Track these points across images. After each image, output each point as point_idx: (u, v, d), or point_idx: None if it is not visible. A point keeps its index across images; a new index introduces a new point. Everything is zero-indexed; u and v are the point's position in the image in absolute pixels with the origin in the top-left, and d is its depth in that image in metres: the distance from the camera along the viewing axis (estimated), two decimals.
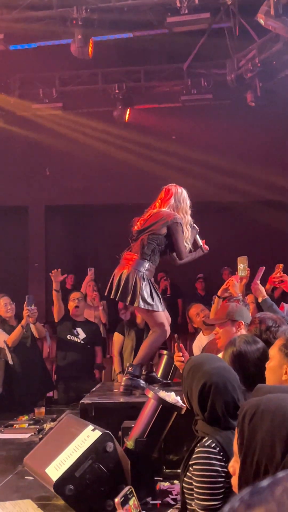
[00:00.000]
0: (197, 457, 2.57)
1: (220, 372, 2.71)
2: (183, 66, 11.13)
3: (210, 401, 2.65)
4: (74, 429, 3.50)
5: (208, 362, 2.80)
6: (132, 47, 10.73)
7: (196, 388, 2.69)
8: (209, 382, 2.67)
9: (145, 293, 4.87)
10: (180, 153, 11.98)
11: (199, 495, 2.51)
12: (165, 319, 5.07)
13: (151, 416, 3.60)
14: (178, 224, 5.02)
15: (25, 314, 6.63)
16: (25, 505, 3.42)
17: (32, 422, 5.65)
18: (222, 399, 2.62)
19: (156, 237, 5.00)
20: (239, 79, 10.43)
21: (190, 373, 2.78)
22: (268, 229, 12.65)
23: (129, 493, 1.67)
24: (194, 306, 6.73)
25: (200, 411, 2.68)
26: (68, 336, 7.07)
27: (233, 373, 2.76)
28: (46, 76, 11.56)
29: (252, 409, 1.59)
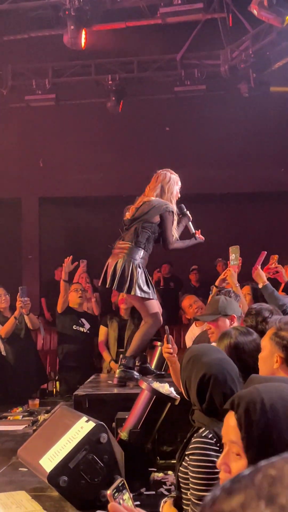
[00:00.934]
0: (193, 447, 2.57)
1: (220, 364, 2.71)
2: (176, 57, 11.08)
3: (209, 393, 2.64)
4: (68, 421, 3.50)
5: (208, 353, 2.80)
6: (125, 38, 10.68)
7: (196, 379, 2.69)
8: (208, 374, 2.66)
9: (141, 281, 4.89)
10: (174, 144, 11.96)
11: (195, 485, 2.51)
12: (158, 309, 5.08)
13: (145, 407, 3.61)
14: (170, 213, 5.05)
15: (18, 305, 6.64)
16: (19, 496, 3.42)
17: (26, 414, 5.67)
18: (221, 391, 2.62)
19: (149, 225, 5.02)
20: (233, 70, 10.40)
21: (189, 363, 2.78)
22: (263, 220, 12.66)
23: (121, 485, 1.66)
24: (187, 298, 6.74)
25: (198, 402, 2.68)
26: (74, 327, 7.06)
27: (232, 365, 2.75)
28: (39, 67, 11.49)
29: (256, 403, 1.55)
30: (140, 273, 4.91)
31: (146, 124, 12.33)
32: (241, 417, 1.53)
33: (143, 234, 5.02)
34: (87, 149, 12.68)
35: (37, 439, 3.73)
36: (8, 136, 12.56)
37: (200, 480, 2.49)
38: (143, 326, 5.10)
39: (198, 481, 2.49)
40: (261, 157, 12.36)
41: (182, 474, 2.67)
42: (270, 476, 0.71)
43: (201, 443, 2.54)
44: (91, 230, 13.26)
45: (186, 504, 2.62)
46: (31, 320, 6.90)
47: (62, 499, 3.26)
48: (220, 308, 4.16)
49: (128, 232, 5.08)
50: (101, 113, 11.96)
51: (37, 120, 12.30)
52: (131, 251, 4.96)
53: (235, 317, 4.17)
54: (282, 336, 2.83)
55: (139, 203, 5.14)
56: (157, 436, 4.00)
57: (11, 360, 6.72)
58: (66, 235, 13.78)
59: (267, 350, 2.88)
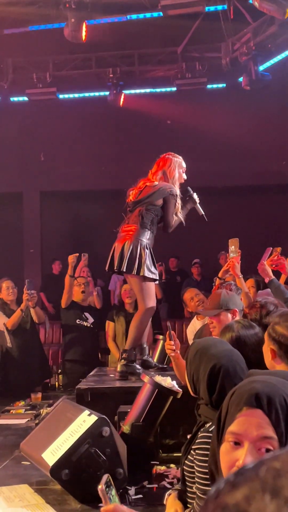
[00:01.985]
0: (200, 442, 2.56)
1: (229, 355, 2.70)
2: (177, 49, 11.06)
3: (219, 384, 2.62)
4: (70, 414, 3.50)
5: (216, 345, 2.79)
6: (126, 31, 10.65)
7: (205, 371, 2.67)
8: (218, 365, 2.64)
9: (148, 262, 4.92)
10: (175, 137, 11.94)
11: (201, 479, 2.51)
12: (154, 295, 5.08)
13: (147, 400, 3.61)
14: (173, 197, 5.07)
15: (24, 298, 6.67)
16: (22, 490, 3.43)
17: (28, 408, 5.67)
18: (232, 382, 2.61)
19: (153, 207, 5.04)
20: (234, 62, 10.38)
21: (196, 356, 2.76)
22: (264, 213, 12.64)
23: (109, 481, 1.67)
24: (188, 291, 6.73)
25: (208, 394, 2.66)
26: (78, 321, 7.06)
27: (240, 356, 2.74)
28: (40, 61, 11.47)
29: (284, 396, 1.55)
30: (148, 254, 4.94)
31: (147, 117, 12.31)
32: (277, 414, 1.51)
33: (148, 216, 5.03)
34: (88, 142, 12.67)
35: (40, 433, 3.73)
36: (9, 130, 12.55)
37: (206, 475, 2.48)
38: (137, 315, 5.08)
39: (204, 475, 2.49)
40: (262, 150, 12.34)
41: (187, 468, 2.67)
42: (275, 469, 0.71)
43: (208, 438, 2.53)
44: (92, 224, 13.25)
45: (191, 498, 2.62)
46: (37, 313, 6.92)
47: (65, 492, 3.27)
48: (222, 302, 4.14)
49: (132, 215, 5.09)
50: (102, 107, 11.95)
51: (38, 113, 12.29)
52: (138, 233, 4.97)
53: (237, 311, 4.16)
54: (275, 330, 2.83)
55: (142, 186, 5.15)
56: (160, 430, 4.00)
57: (15, 353, 6.74)
58: (67, 229, 13.77)
59: (265, 343, 2.88)
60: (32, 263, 13.20)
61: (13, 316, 6.72)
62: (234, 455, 1.53)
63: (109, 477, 1.68)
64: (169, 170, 5.18)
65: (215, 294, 4.43)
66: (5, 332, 6.72)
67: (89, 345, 7.06)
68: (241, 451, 1.51)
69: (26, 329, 6.86)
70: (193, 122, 12.29)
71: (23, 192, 13.49)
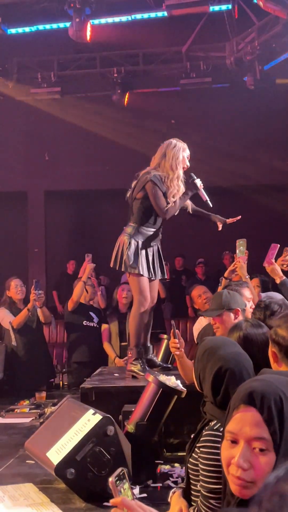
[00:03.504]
0: (204, 440, 2.57)
1: (237, 358, 2.70)
2: (182, 49, 11.05)
3: (224, 386, 2.63)
4: (74, 413, 3.51)
5: (224, 346, 2.79)
6: (130, 31, 10.66)
7: (211, 372, 2.67)
8: (225, 367, 2.65)
9: (129, 255, 4.89)
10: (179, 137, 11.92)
11: (205, 477, 2.51)
12: (147, 287, 5.05)
13: (152, 400, 3.62)
14: (150, 183, 4.92)
15: (31, 298, 6.70)
16: (26, 488, 3.44)
17: (33, 407, 5.68)
18: (236, 385, 2.62)
19: (139, 200, 5.01)
20: (239, 62, 10.37)
21: (205, 355, 2.77)
22: (269, 213, 12.63)
23: (122, 474, 1.66)
24: (196, 288, 6.76)
25: (212, 395, 2.67)
26: (84, 322, 7.07)
27: (248, 359, 2.74)
28: (44, 60, 11.48)
29: (279, 396, 1.55)
30: (129, 247, 4.92)
31: (151, 117, 12.30)
32: (270, 412, 1.51)
33: (138, 211, 5.02)
34: (93, 142, 12.67)
35: (44, 432, 3.74)
36: (13, 130, 12.58)
37: (210, 473, 2.49)
38: (133, 310, 5.07)
39: (208, 473, 2.50)
40: (267, 149, 12.33)
41: (192, 466, 2.68)
42: None
43: (212, 436, 2.54)
44: (97, 223, 13.27)
45: (195, 496, 2.63)
46: (43, 313, 6.94)
47: (69, 491, 3.28)
48: (224, 303, 4.14)
49: (130, 212, 5.12)
50: (106, 106, 11.95)
51: (43, 113, 12.30)
52: (130, 231, 5.01)
53: (239, 310, 4.15)
54: (276, 332, 2.82)
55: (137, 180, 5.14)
56: (164, 429, 4.01)
57: (21, 352, 6.76)
58: (72, 228, 13.79)
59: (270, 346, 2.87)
60: (36, 263, 13.21)
61: (20, 315, 6.74)
62: (231, 453, 1.55)
63: (123, 471, 1.67)
64: (172, 151, 5.07)
65: (217, 294, 4.42)
66: (10, 330, 6.74)
67: (96, 345, 7.07)
68: (236, 449, 1.54)
69: (32, 328, 6.88)
70: (198, 122, 12.28)
71: (28, 192, 13.50)
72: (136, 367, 4.96)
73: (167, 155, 5.06)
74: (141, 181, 4.99)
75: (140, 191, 4.99)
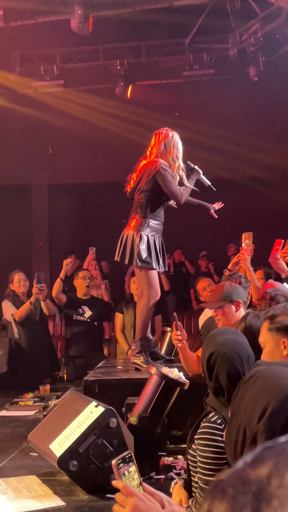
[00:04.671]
0: (202, 432, 2.58)
1: (230, 344, 2.71)
2: (185, 41, 11.01)
3: (215, 371, 2.65)
4: (77, 406, 3.51)
5: (224, 333, 2.81)
6: (133, 22, 10.61)
7: (205, 357, 2.70)
8: (216, 352, 2.67)
9: (141, 250, 4.87)
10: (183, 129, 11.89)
11: (202, 469, 2.52)
12: (156, 281, 5.05)
13: (154, 392, 3.61)
14: (161, 171, 4.87)
15: (34, 292, 6.71)
16: (29, 480, 3.45)
17: (37, 400, 5.69)
18: (225, 370, 2.63)
19: (147, 192, 4.96)
20: (242, 53, 10.32)
21: (205, 343, 2.80)
22: (273, 205, 12.60)
23: (129, 457, 1.66)
24: (202, 280, 6.77)
25: (209, 381, 2.70)
26: (74, 317, 7.09)
27: (245, 347, 2.74)
28: (47, 53, 11.45)
29: (251, 374, 1.59)
30: (141, 243, 4.89)
31: (154, 109, 12.27)
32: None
33: (144, 204, 4.97)
34: (96, 135, 12.64)
35: (47, 424, 3.74)
36: (16, 123, 12.55)
37: (207, 465, 2.50)
38: (141, 303, 5.06)
39: (205, 465, 2.50)
40: (270, 141, 12.28)
41: (191, 457, 2.68)
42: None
43: (210, 428, 2.55)
44: (101, 216, 13.26)
45: (194, 487, 2.63)
46: (47, 306, 6.96)
47: (72, 483, 3.28)
48: (225, 295, 4.13)
49: (133, 205, 5.07)
50: (109, 99, 11.92)
51: (46, 106, 12.27)
52: (135, 224, 4.97)
53: (240, 302, 4.14)
54: (279, 321, 2.81)
55: (138, 171, 5.09)
56: (167, 421, 4.01)
57: (24, 345, 6.77)
58: (76, 221, 13.79)
59: (270, 342, 2.83)
60: (40, 256, 13.22)
61: (22, 308, 6.75)
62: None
63: (129, 454, 1.66)
64: (172, 141, 5.05)
65: (218, 286, 4.42)
66: (12, 323, 6.76)
67: (87, 338, 7.07)
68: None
69: (35, 321, 6.89)
70: (201, 114, 12.24)
71: (32, 185, 13.50)
72: (140, 360, 4.97)
73: (168, 146, 5.04)
74: (149, 172, 4.92)
75: (148, 182, 4.93)
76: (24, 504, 3.09)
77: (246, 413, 1.58)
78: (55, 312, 7.27)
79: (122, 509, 1.55)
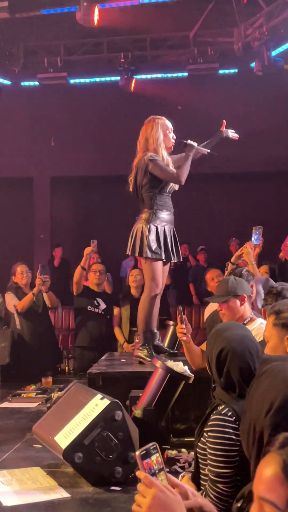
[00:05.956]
0: (212, 424, 2.58)
1: (240, 339, 2.71)
2: (189, 34, 10.97)
3: (226, 366, 2.65)
4: (82, 398, 3.51)
5: (231, 328, 2.81)
6: (137, 15, 10.57)
7: (215, 353, 2.70)
8: (227, 348, 2.67)
9: (151, 241, 4.91)
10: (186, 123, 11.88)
11: (212, 461, 2.53)
12: (160, 274, 5.05)
13: (159, 385, 3.62)
14: (150, 162, 4.93)
15: (37, 283, 6.71)
16: (34, 472, 3.45)
17: (39, 392, 5.69)
18: (237, 366, 2.63)
19: (146, 186, 5.01)
20: (247, 47, 10.29)
21: (212, 338, 2.80)
22: (276, 200, 12.60)
23: (153, 449, 1.66)
24: (210, 271, 6.81)
25: (218, 377, 2.70)
26: (88, 308, 7.07)
27: (254, 342, 2.75)
28: (51, 45, 11.42)
29: (264, 369, 1.60)
30: (151, 233, 4.92)
31: (158, 102, 12.24)
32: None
33: (148, 197, 5.02)
34: (99, 128, 12.64)
35: (52, 416, 3.74)
36: (19, 115, 12.54)
37: (217, 457, 2.50)
38: (143, 296, 5.10)
39: (216, 458, 2.51)
40: (274, 136, 12.27)
41: (200, 450, 2.69)
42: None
43: (220, 420, 2.55)
44: (102, 210, 13.26)
45: (204, 480, 2.64)
46: (50, 298, 6.96)
47: (77, 475, 3.29)
48: (230, 289, 4.13)
49: (140, 202, 5.11)
50: (113, 92, 11.89)
51: (49, 98, 12.25)
52: (145, 217, 5.01)
53: (245, 297, 4.14)
54: (285, 317, 2.81)
55: (133, 170, 5.13)
56: (171, 414, 4.02)
57: (27, 337, 6.78)
58: (77, 214, 13.79)
59: (274, 337, 2.83)
60: (42, 248, 13.23)
61: (24, 299, 6.76)
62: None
63: (154, 445, 1.67)
64: (151, 134, 5.08)
65: (223, 280, 4.42)
66: (15, 314, 6.77)
67: (100, 331, 7.07)
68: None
69: (38, 313, 6.89)
70: (205, 108, 12.21)
71: (34, 178, 13.50)
72: (143, 353, 4.98)
73: (149, 137, 5.09)
74: (141, 167, 4.99)
75: (144, 177, 4.98)
76: (30, 496, 3.09)
77: (256, 409, 1.60)
78: (58, 304, 7.27)
79: (143, 499, 1.57)
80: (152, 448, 1.65)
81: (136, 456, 1.63)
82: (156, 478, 1.62)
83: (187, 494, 1.66)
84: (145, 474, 1.59)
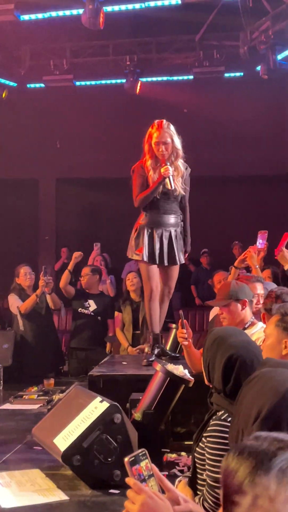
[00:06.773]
0: (211, 429, 2.58)
1: (246, 346, 2.70)
2: (195, 37, 10.99)
3: (234, 374, 2.63)
4: (82, 401, 3.52)
5: (234, 335, 2.80)
6: (143, 18, 10.59)
7: (221, 360, 2.67)
8: (236, 355, 2.65)
9: (134, 241, 4.98)
10: (192, 126, 11.89)
11: (211, 467, 2.52)
12: (152, 275, 5.02)
13: (159, 388, 3.62)
14: (132, 175, 5.20)
15: (40, 284, 6.73)
16: (33, 474, 3.46)
17: (41, 393, 5.70)
18: (247, 373, 2.63)
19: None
20: (252, 51, 10.29)
21: (214, 344, 2.77)
22: (279, 203, 12.57)
23: (142, 455, 1.66)
24: (218, 273, 6.82)
25: (223, 384, 2.67)
26: (79, 310, 7.11)
27: (258, 347, 2.76)
28: (57, 47, 11.45)
29: (254, 375, 1.61)
30: (137, 235, 4.99)
31: (163, 105, 12.25)
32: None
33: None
34: (104, 130, 12.64)
35: (52, 418, 3.75)
36: (25, 117, 12.56)
37: (216, 463, 2.50)
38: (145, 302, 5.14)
39: (215, 463, 2.51)
40: (279, 139, 12.26)
41: (198, 455, 2.69)
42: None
43: (219, 426, 2.55)
44: (108, 212, 13.27)
45: (201, 485, 2.64)
46: (53, 299, 6.97)
47: (76, 477, 3.29)
48: (232, 293, 4.12)
49: None
50: (118, 94, 11.91)
51: (55, 100, 12.27)
52: (140, 219, 5.09)
53: (246, 301, 4.14)
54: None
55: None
56: (171, 418, 4.01)
57: (29, 338, 6.79)
58: (83, 216, 13.80)
59: (273, 337, 2.84)
60: (46, 250, 13.24)
61: (27, 300, 6.77)
62: None
63: (143, 451, 1.67)
64: (146, 146, 5.26)
65: (224, 284, 4.42)
66: (18, 315, 6.78)
67: (89, 332, 7.10)
68: None
69: (41, 314, 6.91)
70: (210, 111, 12.22)
71: (39, 179, 13.52)
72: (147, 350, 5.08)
73: (144, 150, 5.25)
74: None
75: None
76: (28, 498, 3.10)
77: (244, 415, 1.60)
78: (61, 306, 7.29)
79: (132, 505, 1.57)
80: (141, 454, 1.65)
81: (125, 463, 1.63)
82: (146, 484, 1.62)
83: (178, 500, 1.66)
84: (134, 481, 1.59)
